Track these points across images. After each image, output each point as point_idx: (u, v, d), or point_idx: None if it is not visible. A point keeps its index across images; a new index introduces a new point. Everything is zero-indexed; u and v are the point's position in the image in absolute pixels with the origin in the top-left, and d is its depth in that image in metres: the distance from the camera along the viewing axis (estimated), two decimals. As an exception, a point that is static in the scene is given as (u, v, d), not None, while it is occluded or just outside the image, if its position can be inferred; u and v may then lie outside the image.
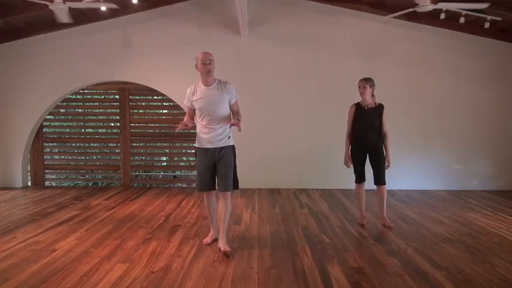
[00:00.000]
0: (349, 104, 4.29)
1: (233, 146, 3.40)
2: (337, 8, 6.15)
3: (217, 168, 3.33)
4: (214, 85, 3.29)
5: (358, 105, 4.18)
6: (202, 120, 3.32)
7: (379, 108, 4.09)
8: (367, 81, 4.06)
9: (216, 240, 3.53)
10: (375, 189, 4.18)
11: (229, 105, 3.36)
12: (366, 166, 4.16)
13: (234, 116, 3.40)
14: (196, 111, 3.34)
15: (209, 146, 3.30)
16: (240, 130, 3.18)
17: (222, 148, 3.30)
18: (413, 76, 6.20)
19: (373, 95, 4.12)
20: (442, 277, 2.85)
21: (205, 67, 3.20)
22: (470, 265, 3.09)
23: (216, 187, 3.44)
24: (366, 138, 4.08)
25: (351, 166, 4.22)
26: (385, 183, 4.09)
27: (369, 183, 4.19)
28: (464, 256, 3.29)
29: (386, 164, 4.05)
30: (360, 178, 4.20)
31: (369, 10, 6.09)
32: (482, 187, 6.30)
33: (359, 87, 4.10)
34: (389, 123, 4.15)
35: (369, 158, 4.14)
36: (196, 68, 3.28)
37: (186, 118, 3.42)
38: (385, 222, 4.17)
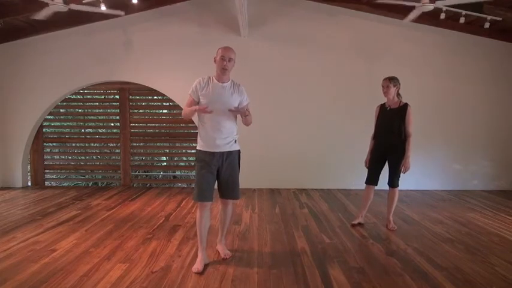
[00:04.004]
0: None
1: (239, 150, 3.15)
2: (337, 8, 6.15)
3: (223, 175, 3.04)
4: (228, 83, 3.05)
5: (382, 106, 4.08)
6: (208, 120, 2.99)
7: (402, 108, 3.90)
8: (391, 81, 3.92)
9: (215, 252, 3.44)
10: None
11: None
12: (383, 170, 4.04)
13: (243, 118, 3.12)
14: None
15: (216, 150, 2.98)
16: (243, 115, 2.96)
17: (229, 153, 3.03)
18: (413, 76, 6.19)
19: (398, 95, 3.98)
20: (442, 277, 2.85)
21: (223, 63, 2.95)
22: (470, 265, 3.09)
23: (223, 195, 3.16)
24: (384, 140, 3.96)
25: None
26: (395, 186, 4.00)
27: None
28: (464, 256, 3.29)
29: (401, 167, 3.87)
30: (369, 179, 4.09)
31: (369, 10, 6.09)
32: (482, 187, 6.30)
33: (382, 86, 3.97)
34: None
35: (387, 160, 4.02)
36: (214, 61, 3.02)
37: (186, 109, 3.04)
38: (388, 224, 4.13)
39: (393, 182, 3.99)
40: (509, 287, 2.73)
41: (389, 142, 3.94)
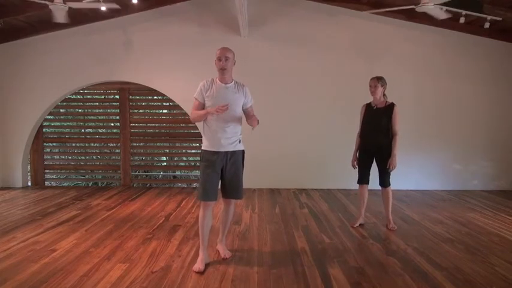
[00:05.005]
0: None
1: (243, 151, 3.16)
2: (337, 8, 6.15)
3: (227, 175, 3.05)
4: (231, 84, 3.05)
5: (368, 105, 4.12)
6: (213, 120, 2.99)
7: (389, 108, 3.95)
8: (379, 80, 3.95)
9: (215, 252, 3.42)
10: (379, 189, 4.13)
11: (243, 109, 3.14)
12: (373, 168, 4.07)
13: (248, 119, 3.11)
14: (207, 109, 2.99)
15: (221, 149, 2.99)
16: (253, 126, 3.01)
17: (233, 153, 3.05)
18: (413, 76, 6.20)
19: (384, 95, 4.02)
20: (442, 277, 2.85)
21: (219, 63, 2.95)
22: (470, 265, 3.09)
23: (226, 195, 3.17)
24: (372, 139, 3.99)
25: (357, 167, 4.16)
26: (387, 186, 4.01)
27: (371, 183, 4.15)
28: (464, 256, 3.29)
29: (388, 166, 3.90)
30: (361, 179, 4.12)
31: (369, 10, 6.07)
32: (482, 187, 6.30)
33: (370, 86, 4.00)
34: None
35: (375, 160, 4.05)
36: (215, 64, 3.02)
37: (195, 112, 3.04)
38: (388, 224, 4.13)
39: (384, 181, 4.01)
40: (509, 287, 2.72)
41: (377, 141, 3.97)
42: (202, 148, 3.07)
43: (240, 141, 3.11)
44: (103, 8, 4.96)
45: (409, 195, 5.79)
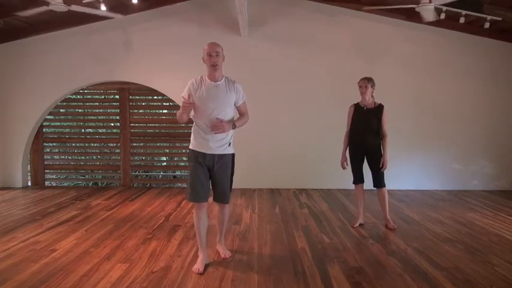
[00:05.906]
0: (349, 104, 4.28)
1: (233, 154, 3.04)
2: (337, 8, 6.15)
3: (214, 178, 2.98)
4: (222, 81, 2.92)
5: (357, 106, 4.13)
6: (202, 120, 2.89)
7: (378, 109, 3.99)
8: (369, 81, 3.98)
9: (215, 252, 3.41)
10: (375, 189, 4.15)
11: (236, 106, 3.03)
12: (365, 167, 4.09)
13: (239, 118, 3.07)
14: (196, 109, 2.89)
15: (208, 151, 2.89)
16: (218, 132, 2.84)
17: (221, 156, 2.93)
18: (413, 76, 6.20)
19: (372, 96, 4.05)
20: (442, 277, 2.84)
21: (210, 59, 2.83)
22: (470, 265, 3.09)
23: (214, 198, 3.10)
24: (363, 139, 4.00)
25: (347, 167, 4.16)
26: (383, 186, 4.02)
27: (368, 183, 4.16)
28: (464, 256, 3.29)
29: (381, 165, 3.92)
30: (357, 179, 4.13)
31: (369, 10, 6.07)
32: (482, 187, 6.30)
33: (360, 86, 4.02)
34: (390, 123, 4.09)
35: (367, 160, 4.06)
36: (203, 61, 2.90)
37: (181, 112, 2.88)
38: (387, 223, 4.13)
39: (380, 182, 4.02)
40: (509, 287, 2.72)
41: (368, 141, 3.98)
42: (190, 147, 2.97)
43: (229, 144, 2.98)
44: (103, 8, 4.95)
45: (409, 195, 5.79)
